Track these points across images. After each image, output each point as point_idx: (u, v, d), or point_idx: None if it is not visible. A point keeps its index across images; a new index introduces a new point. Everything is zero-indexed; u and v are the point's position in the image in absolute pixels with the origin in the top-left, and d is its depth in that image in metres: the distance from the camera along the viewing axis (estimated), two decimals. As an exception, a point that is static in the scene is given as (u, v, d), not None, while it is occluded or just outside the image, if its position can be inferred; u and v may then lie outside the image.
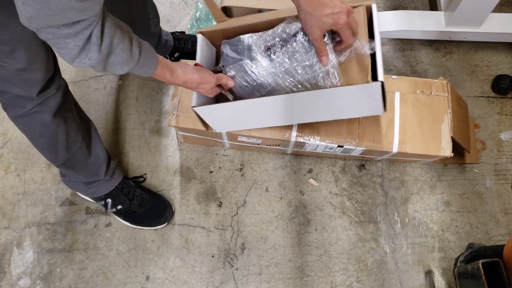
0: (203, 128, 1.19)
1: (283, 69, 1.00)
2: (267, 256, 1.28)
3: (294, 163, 1.38)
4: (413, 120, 1.24)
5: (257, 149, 1.37)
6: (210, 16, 1.55)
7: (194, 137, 1.30)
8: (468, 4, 1.35)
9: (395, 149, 1.21)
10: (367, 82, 0.94)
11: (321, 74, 0.99)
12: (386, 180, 1.37)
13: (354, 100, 1.06)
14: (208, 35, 1.16)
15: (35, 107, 0.93)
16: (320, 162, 1.38)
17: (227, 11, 1.45)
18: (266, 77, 1.02)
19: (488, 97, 1.50)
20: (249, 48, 1.04)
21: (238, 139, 1.26)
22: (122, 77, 1.49)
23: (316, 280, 1.26)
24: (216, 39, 1.18)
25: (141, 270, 1.26)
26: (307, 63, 0.98)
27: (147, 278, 1.25)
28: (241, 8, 1.34)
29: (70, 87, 1.05)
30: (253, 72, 1.03)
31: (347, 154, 1.31)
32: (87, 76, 1.49)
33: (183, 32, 1.49)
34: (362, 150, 1.23)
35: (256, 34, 1.05)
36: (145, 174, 1.36)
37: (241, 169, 1.37)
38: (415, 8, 1.64)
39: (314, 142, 1.22)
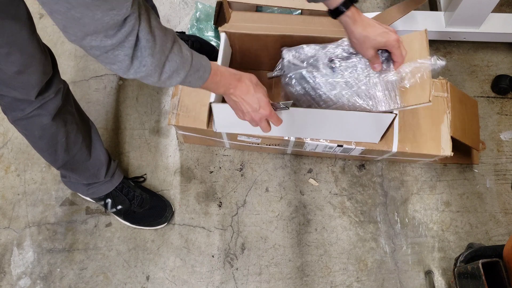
0: (203, 127, 1.19)
1: (343, 80, 1.05)
2: (267, 256, 1.28)
3: (294, 163, 1.38)
4: (413, 120, 1.24)
5: (257, 149, 1.37)
6: (210, 16, 1.55)
7: (194, 136, 1.30)
8: (468, 4, 1.35)
9: (394, 148, 1.21)
10: (428, 102, 1.01)
11: (379, 87, 1.04)
12: (386, 180, 1.37)
13: (359, 126, 1.12)
14: (230, 37, 1.19)
15: (34, 110, 0.93)
16: (320, 162, 1.38)
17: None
18: (325, 86, 1.07)
19: (488, 97, 1.50)
20: (313, 57, 1.08)
21: (238, 138, 1.26)
22: (122, 77, 1.49)
23: (316, 280, 1.26)
24: (237, 40, 1.20)
25: (141, 270, 1.26)
26: (367, 76, 1.04)
27: (147, 278, 1.25)
28: (241, 3, 1.34)
29: (70, 87, 1.05)
30: (313, 81, 1.07)
31: (347, 154, 1.32)
32: (88, 76, 1.49)
33: (183, 32, 1.49)
34: (362, 149, 1.24)
35: (319, 45, 1.10)
36: (145, 174, 1.36)
37: (241, 169, 1.37)
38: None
39: (313, 142, 1.22)
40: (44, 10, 0.58)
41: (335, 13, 0.93)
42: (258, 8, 1.43)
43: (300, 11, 1.42)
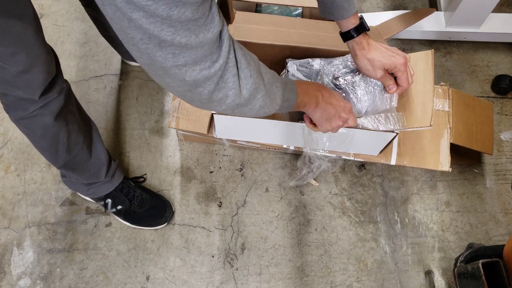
0: (203, 132, 1.19)
1: (346, 98, 1.04)
2: (267, 256, 1.28)
3: (294, 163, 1.38)
4: (412, 134, 1.24)
5: (256, 148, 1.37)
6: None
7: (194, 136, 1.31)
8: (468, 4, 1.35)
9: (393, 161, 1.22)
10: (429, 126, 1.01)
11: (382, 111, 1.05)
12: (386, 180, 1.37)
13: (359, 141, 1.11)
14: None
15: (37, 109, 0.93)
16: (320, 162, 1.38)
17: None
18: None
19: (488, 97, 1.50)
20: (318, 73, 1.08)
21: (238, 142, 1.26)
22: (122, 77, 1.49)
23: (316, 280, 1.26)
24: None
25: (141, 270, 1.26)
26: (370, 97, 1.03)
27: (147, 278, 1.25)
28: (241, 2, 1.34)
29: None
30: None
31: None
32: (87, 76, 1.49)
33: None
34: (362, 161, 1.24)
35: (324, 60, 1.09)
36: (145, 174, 1.36)
37: (241, 169, 1.37)
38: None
39: (312, 152, 1.22)
40: (139, 58, 0.55)
41: (345, 36, 0.93)
42: (257, 9, 1.43)
43: (301, 9, 1.42)
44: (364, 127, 1.06)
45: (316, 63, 1.08)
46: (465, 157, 1.38)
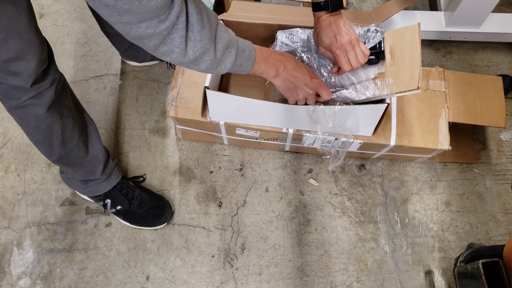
0: (201, 119, 1.19)
1: (331, 64, 1.08)
2: (267, 256, 1.28)
3: (294, 163, 1.38)
4: (410, 114, 1.25)
5: (255, 146, 1.37)
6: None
7: (192, 131, 1.30)
8: (468, 4, 1.35)
9: (392, 142, 1.21)
10: (416, 89, 1.01)
11: (364, 79, 1.07)
12: (386, 180, 1.37)
13: (353, 118, 1.12)
14: (227, 24, 1.20)
15: (29, 99, 0.92)
16: (320, 162, 1.38)
17: None
18: (317, 68, 1.09)
19: (488, 97, 1.50)
20: (305, 40, 1.12)
21: (236, 131, 1.25)
22: (122, 77, 1.49)
23: (316, 280, 1.26)
24: (234, 29, 1.20)
25: (141, 270, 1.26)
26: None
27: (147, 278, 1.25)
28: None
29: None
30: (306, 61, 1.10)
31: (345, 149, 1.30)
32: (87, 76, 1.49)
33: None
34: (360, 143, 1.23)
35: (310, 29, 1.13)
36: (145, 174, 1.36)
37: (241, 169, 1.37)
38: (415, 8, 1.64)
39: (312, 135, 1.21)
40: (94, 8, 0.59)
41: (316, 6, 0.94)
42: None
43: (302, 4, 1.43)
44: (352, 96, 1.07)
45: (305, 31, 1.12)
46: (464, 156, 1.38)
